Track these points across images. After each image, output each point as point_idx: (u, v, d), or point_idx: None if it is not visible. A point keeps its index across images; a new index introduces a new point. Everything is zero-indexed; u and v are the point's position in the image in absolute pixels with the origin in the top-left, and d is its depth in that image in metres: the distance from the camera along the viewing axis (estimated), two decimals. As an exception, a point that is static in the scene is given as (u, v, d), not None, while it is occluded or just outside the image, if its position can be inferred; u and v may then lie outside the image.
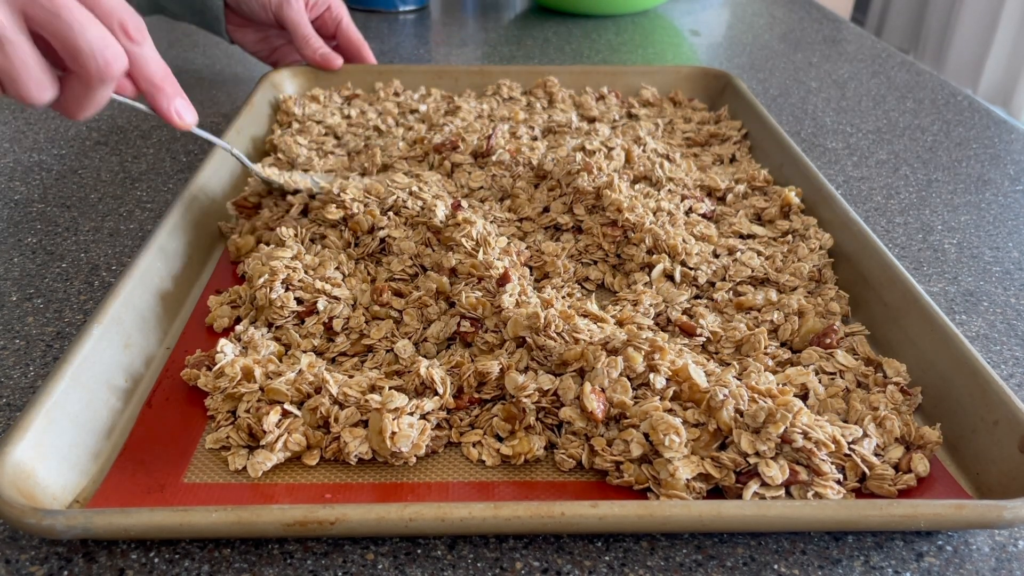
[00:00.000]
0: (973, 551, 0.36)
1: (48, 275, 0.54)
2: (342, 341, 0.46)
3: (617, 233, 0.54)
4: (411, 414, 0.39)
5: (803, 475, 0.36)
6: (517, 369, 0.42)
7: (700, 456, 0.37)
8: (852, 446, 0.38)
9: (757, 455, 0.36)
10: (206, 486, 0.37)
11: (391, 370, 0.44)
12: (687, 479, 0.36)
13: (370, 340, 0.46)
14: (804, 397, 0.41)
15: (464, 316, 0.46)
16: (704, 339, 0.47)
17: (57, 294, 0.52)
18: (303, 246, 0.52)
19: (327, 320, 0.46)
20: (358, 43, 0.82)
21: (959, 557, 0.36)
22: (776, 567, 0.35)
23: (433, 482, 0.38)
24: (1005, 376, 0.47)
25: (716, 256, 0.54)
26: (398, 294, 0.49)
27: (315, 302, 0.47)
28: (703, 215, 0.58)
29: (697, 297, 0.51)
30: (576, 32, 1.15)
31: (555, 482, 0.38)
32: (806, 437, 0.36)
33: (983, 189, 0.70)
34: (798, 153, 0.62)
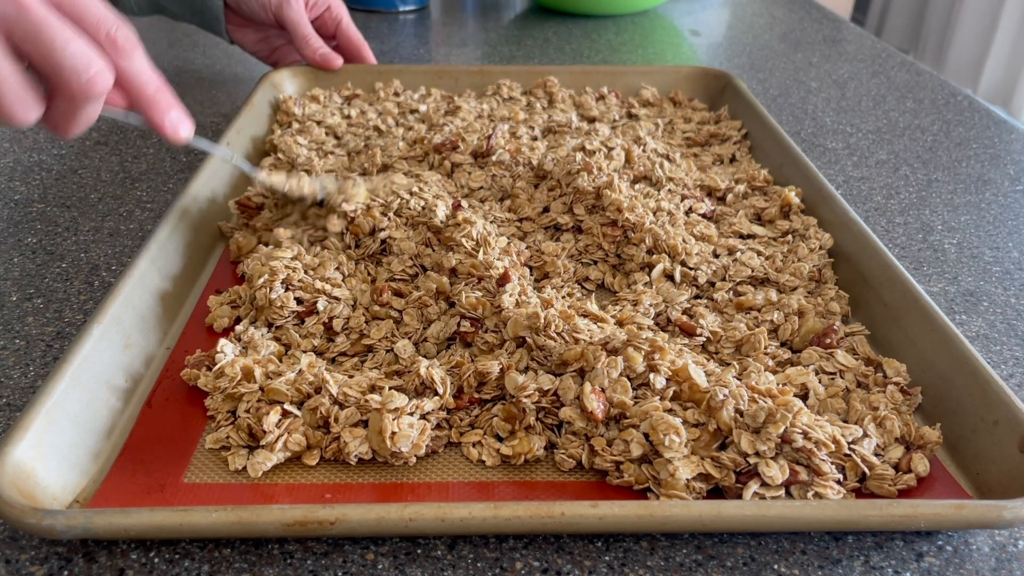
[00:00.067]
0: (973, 551, 0.36)
1: (48, 275, 0.54)
2: (342, 341, 0.46)
3: (617, 233, 0.54)
4: (411, 414, 0.39)
5: (803, 475, 0.36)
6: (517, 369, 0.42)
7: (700, 456, 0.37)
8: (852, 446, 0.38)
9: (757, 455, 0.36)
10: (206, 486, 0.37)
11: (391, 370, 0.44)
12: (687, 479, 0.36)
13: (370, 340, 0.46)
14: (804, 397, 0.41)
15: (464, 316, 0.46)
16: (704, 339, 0.47)
17: (57, 294, 0.52)
18: (303, 247, 0.52)
19: (327, 320, 0.46)
20: (358, 43, 0.82)
21: (959, 557, 0.36)
22: (776, 567, 0.35)
23: (433, 482, 0.38)
24: (1005, 376, 0.47)
25: (716, 256, 0.54)
26: (398, 294, 0.49)
27: (315, 302, 0.47)
28: (703, 215, 0.58)
29: (697, 297, 0.51)
30: (576, 32, 1.15)
31: (555, 482, 0.38)
32: (806, 437, 0.36)
33: (983, 189, 0.70)
34: (798, 153, 0.62)
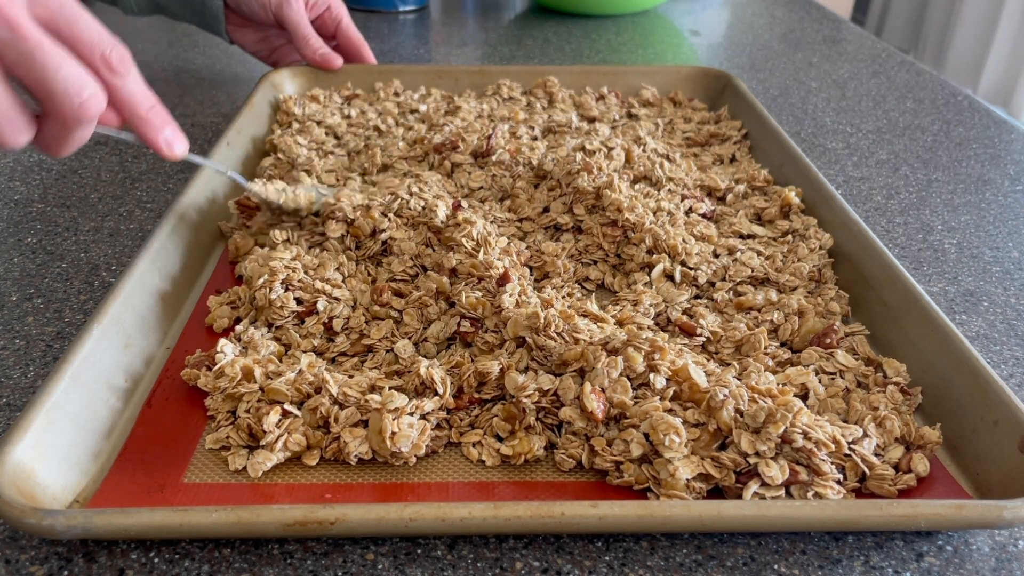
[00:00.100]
0: (973, 551, 0.36)
1: (48, 275, 0.54)
2: (342, 341, 0.46)
3: (617, 233, 0.54)
4: (411, 414, 0.39)
5: (803, 475, 0.36)
6: (517, 369, 0.42)
7: (700, 456, 0.37)
8: (852, 446, 0.38)
9: (757, 455, 0.36)
10: (206, 486, 0.37)
11: (391, 370, 0.44)
12: (687, 479, 0.36)
13: (370, 340, 0.46)
14: (804, 397, 0.41)
15: (464, 316, 0.46)
16: (704, 339, 0.47)
17: (57, 294, 0.52)
18: (302, 248, 0.52)
19: (327, 320, 0.46)
20: (358, 43, 0.82)
21: (959, 557, 0.36)
22: (776, 567, 0.35)
23: (433, 482, 0.38)
24: (1005, 376, 0.47)
25: (716, 256, 0.54)
26: (398, 294, 0.49)
27: (315, 302, 0.47)
28: (703, 215, 0.58)
29: (697, 297, 0.51)
30: (576, 32, 1.15)
31: (555, 482, 0.38)
32: (806, 437, 0.36)
33: (983, 189, 0.70)
34: (798, 153, 0.62)
